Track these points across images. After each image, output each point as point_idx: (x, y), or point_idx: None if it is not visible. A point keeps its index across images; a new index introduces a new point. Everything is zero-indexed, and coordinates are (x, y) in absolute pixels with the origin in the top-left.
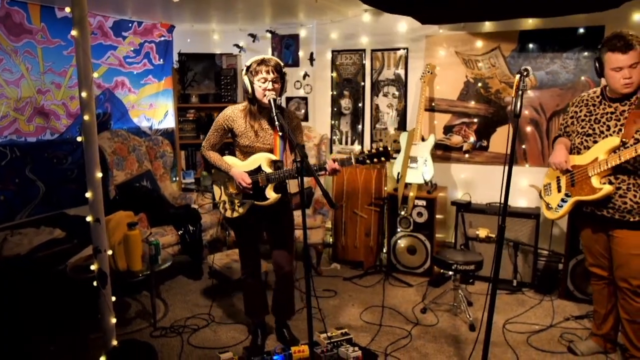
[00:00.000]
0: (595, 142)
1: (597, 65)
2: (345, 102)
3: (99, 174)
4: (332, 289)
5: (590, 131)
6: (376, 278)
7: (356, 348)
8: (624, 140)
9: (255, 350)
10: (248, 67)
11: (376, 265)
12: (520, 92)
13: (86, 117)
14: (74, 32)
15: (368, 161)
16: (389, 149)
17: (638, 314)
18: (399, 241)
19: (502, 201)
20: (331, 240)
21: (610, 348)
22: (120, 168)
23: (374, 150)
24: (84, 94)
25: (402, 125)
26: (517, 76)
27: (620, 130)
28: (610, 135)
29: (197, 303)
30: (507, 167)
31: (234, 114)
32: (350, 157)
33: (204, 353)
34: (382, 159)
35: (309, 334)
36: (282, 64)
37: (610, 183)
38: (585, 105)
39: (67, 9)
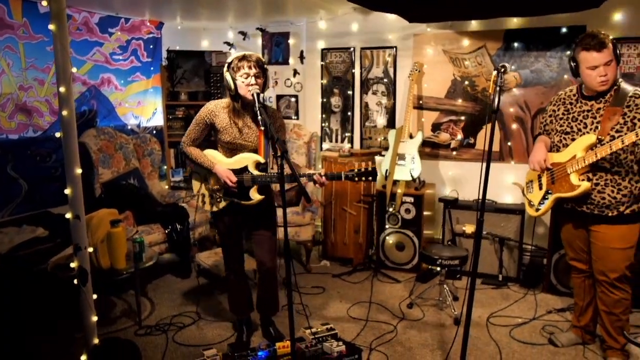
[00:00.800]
0: (573, 139)
1: (572, 64)
2: (335, 100)
3: (79, 170)
4: (320, 286)
5: (568, 129)
6: (365, 274)
7: (340, 343)
8: (600, 137)
9: (240, 347)
10: (229, 64)
11: (365, 262)
12: (498, 88)
13: (65, 113)
14: (51, 26)
15: (356, 179)
16: (377, 168)
17: (615, 305)
18: (387, 238)
19: (480, 196)
20: (321, 237)
21: (589, 339)
22: (106, 166)
23: (362, 169)
24: (62, 89)
25: (391, 123)
26: (494, 72)
27: (596, 127)
28: (587, 132)
29: (184, 301)
30: (485, 164)
31: (216, 108)
32: (340, 173)
33: (189, 351)
34: (370, 178)
35: (290, 329)
36: (263, 59)
37: (589, 180)
38: (563, 104)
39: (44, 2)
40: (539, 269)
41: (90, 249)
